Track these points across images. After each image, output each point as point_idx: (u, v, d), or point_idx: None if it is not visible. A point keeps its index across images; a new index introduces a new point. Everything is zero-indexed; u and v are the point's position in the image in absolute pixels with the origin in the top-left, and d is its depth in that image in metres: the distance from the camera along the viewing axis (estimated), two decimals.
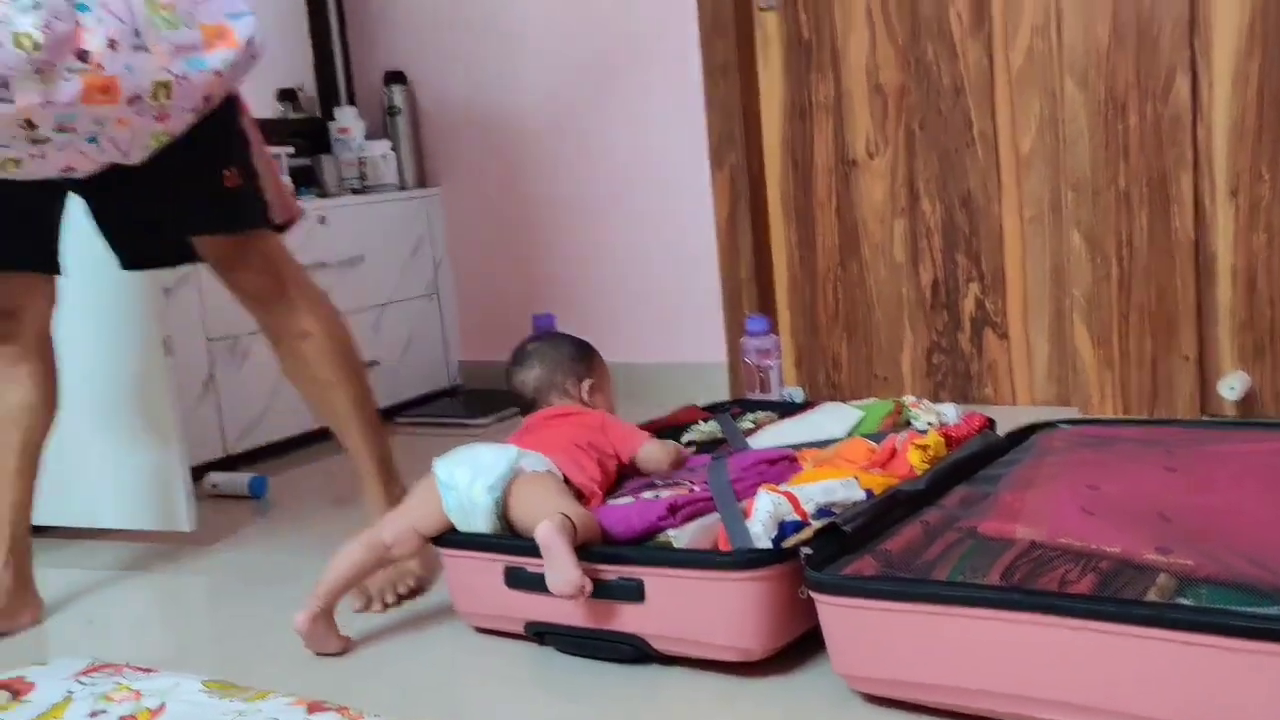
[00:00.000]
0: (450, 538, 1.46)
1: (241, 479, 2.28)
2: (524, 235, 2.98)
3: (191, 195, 1.57)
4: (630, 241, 2.82)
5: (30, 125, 1.31)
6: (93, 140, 1.37)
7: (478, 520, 1.43)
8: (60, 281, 1.70)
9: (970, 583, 1.12)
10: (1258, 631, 0.95)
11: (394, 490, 1.70)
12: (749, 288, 2.66)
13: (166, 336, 1.89)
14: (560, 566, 1.29)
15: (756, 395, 2.32)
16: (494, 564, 1.42)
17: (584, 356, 1.77)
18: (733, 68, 2.59)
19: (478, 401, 2.81)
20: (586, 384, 1.74)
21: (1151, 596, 1.06)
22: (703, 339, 2.74)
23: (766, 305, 2.68)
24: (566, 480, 1.49)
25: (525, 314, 2.78)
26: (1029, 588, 1.09)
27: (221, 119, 1.53)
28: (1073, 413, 2.27)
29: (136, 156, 1.44)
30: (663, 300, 2.80)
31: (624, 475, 1.62)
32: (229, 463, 2.47)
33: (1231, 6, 2.06)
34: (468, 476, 1.44)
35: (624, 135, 2.79)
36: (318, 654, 1.45)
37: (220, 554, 1.96)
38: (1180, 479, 1.26)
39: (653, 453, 1.62)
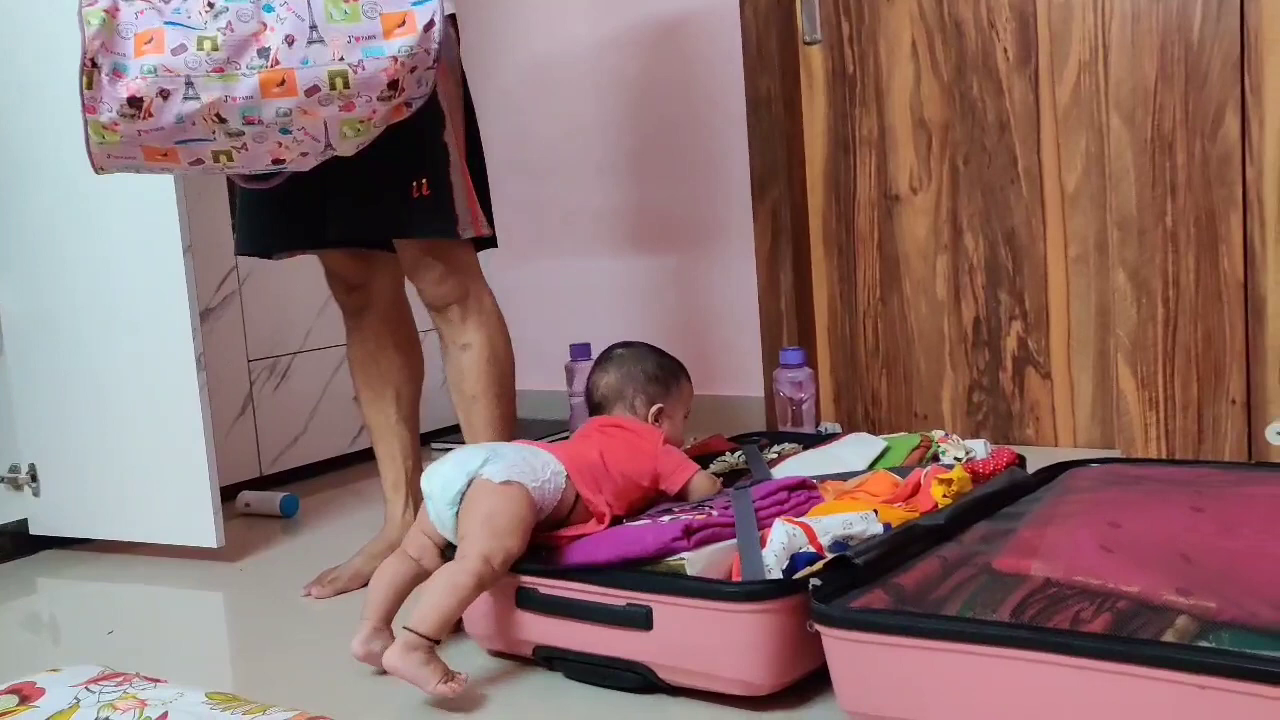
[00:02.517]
0: None
1: (273, 498, 2.30)
2: (564, 264, 2.99)
3: (382, 197, 1.64)
4: (670, 271, 2.82)
5: (220, 119, 1.40)
6: (286, 131, 1.43)
7: (449, 533, 1.43)
8: (109, 296, 1.80)
9: (976, 619, 1.08)
10: (1278, 677, 0.91)
11: None
12: (789, 321, 2.64)
13: (200, 354, 1.92)
14: (425, 690, 1.30)
15: (789, 429, 2.29)
16: (507, 584, 1.40)
17: (663, 379, 1.72)
18: (776, 101, 2.59)
19: (517, 428, 2.80)
20: (655, 408, 1.69)
21: (1169, 638, 1.02)
22: (741, 372, 2.72)
23: (806, 339, 2.65)
24: (578, 497, 1.47)
25: (563, 342, 2.78)
26: (1038, 625, 1.05)
27: (423, 129, 1.58)
28: (1116, 456, 2.21)
29: (343, 147, 1.49)
30: (701, 332, 2.79)
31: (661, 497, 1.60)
32: (264, 483, 2.49)
33: None
34: (438, 488, 1.44)
35: (667, 166, 2.79)
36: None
37: (246, 571, 1.97)
38: (1207, 520, 1.21)
39: (701, 487, 1.59)
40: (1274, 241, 2.06)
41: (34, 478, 2.13)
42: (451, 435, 2.80)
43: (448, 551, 1.46)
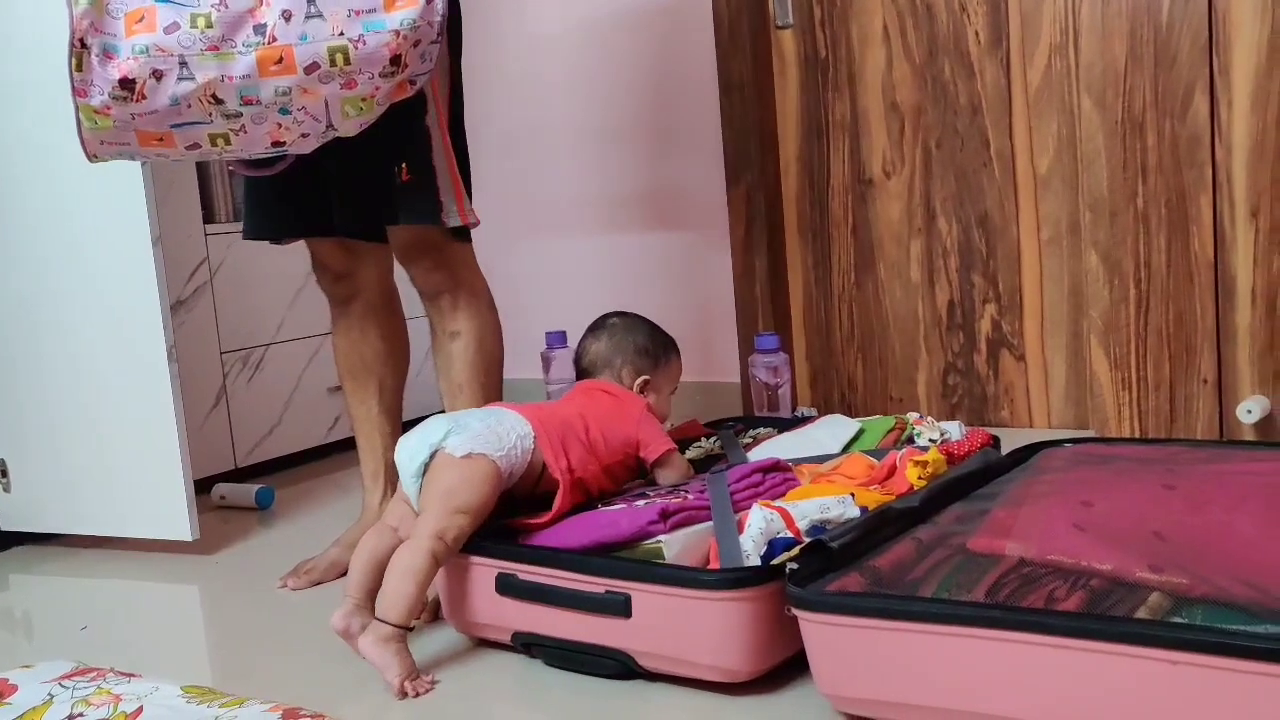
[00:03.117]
0: None
1: (248, 490, 2.29)
2: (538, 252, 2.98)
3: (372, 185, 1.62)
4: (645, 257, 2.81)
5: (217, 100, 1.37)
6: (285, 112, 1.41)
7: (415, 505, 1.44)
8: (78, 288, 1.79)
9: (952, 600, 1.09)
10: (1249, 650, 0.92)
11: None
12: (764, 306, 2.64)
13: (171, 346, 1.90)
14: (388, 676, 1.32)
15: (765, 414, 2.29)
16: (486, 570, 1.40)
17: (653, 352, 1.73)
18: (749, 86, 2.59)
19: None
20: (641, 380, 1.70)
21: (1142, 615, 1.03)
22: (717, 358, 2.72)
23: (781, 324, 2.66)
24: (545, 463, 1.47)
25: (540, 329, 2.77)
26: (1012, 605, 1.06)
27: (402, 113, 1.55)
28: (1089, 436, 2.23)
29: (345, 126, 1.46)
30: (677, 318, 2.78)
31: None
32: (240, 475, 2.48)
33: (1251, 25, 2.02)
34: (404, 460, 1.45)
35: (641, 151, 2.79)
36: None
37: (221, 563, 1.96)
38: (1178, 497, 1.22)
39: (675, 467, 1.59)
40: (1243, 222, 2.08)
41: (4, 473, 2.11)
42: None
43: None
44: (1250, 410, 2.04)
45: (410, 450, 1.45)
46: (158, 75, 1.34)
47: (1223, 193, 2.09)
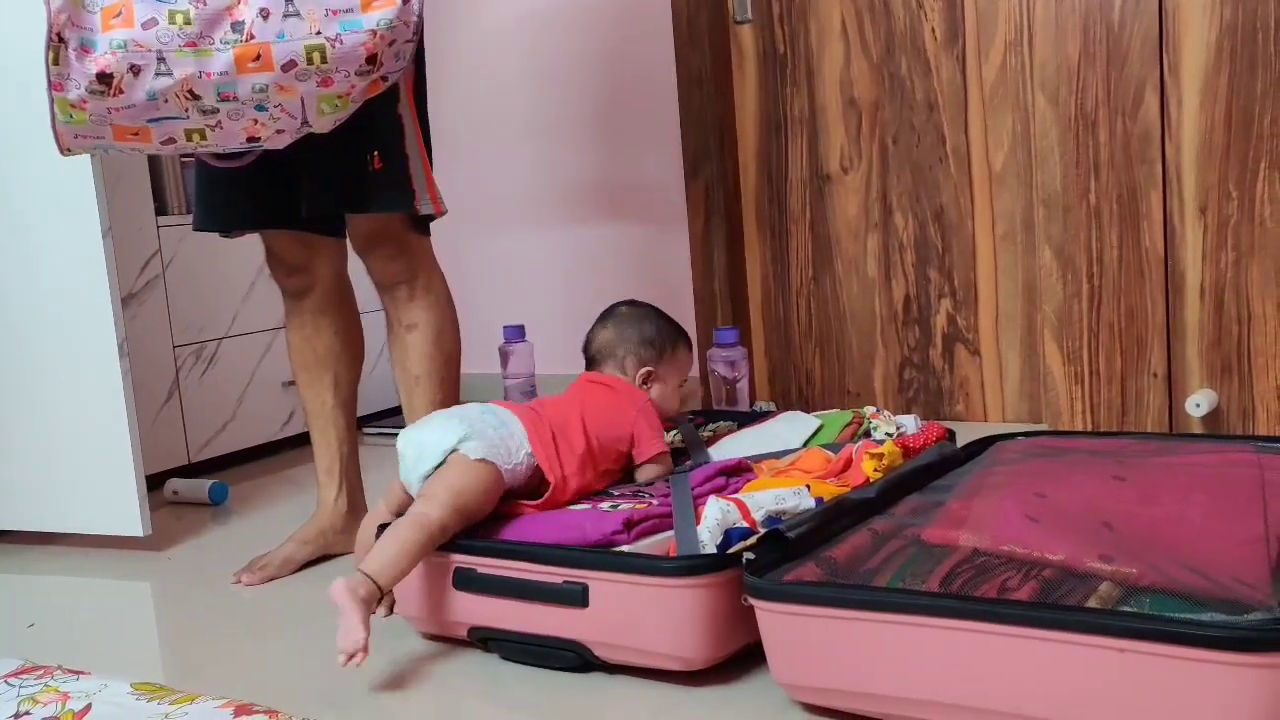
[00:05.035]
0: None
1: (202, 485, 2.26)
2: (495, 246, 2.97)
3: (339, 172, 1.60)
4: (604, 252, 2.81)
5: (194, 96, 1.36)
6: (261, 108, 1.40)
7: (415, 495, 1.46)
8: (27, 280, 1.79)
9: (906, 589, 1.10)
10: (1194, 638, 0.93)
11: None
12: (722, 301, 2.65)
13: (123, 340, 1.87)
14: (347, 627, 1.26)
15: (724, 407, 2.30)
16: (443, 565, 1.39)
17: (659, 343, 1.70)
18: (708, 80, 2.59)
19: None
20: (644, 371, 1.68)
21: (1092, 604, 1.04)
22: None
23: (740, 319, 2.66)
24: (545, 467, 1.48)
25: (497, 324, 2.76)
26: (965, 594, 1.07)
27: (379, 102, 1.54)
28: (1042, 429, 2.26)
29: (320, 124, 1.46)
30: None
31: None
32: (193, 470, 2.45)
33: (1200, 24, 2.06)
34: (412, 456, 1.46)
35: (599, 145, 2.78)
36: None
37: (173, 559, 1.94)
38: (1128, 488, 1.24)
39: (657, 468, 1.59)
40: (1192, 218, 2.11)
41: None
42: (390, 419, 2.78)
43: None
44: (1198, 404, 2.08)
45: (422, 448, 1.45)
46: (135, 70, 1.34)
47: (1173, 189, 2.12)
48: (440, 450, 1.44)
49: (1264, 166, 2.04)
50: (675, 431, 1.86)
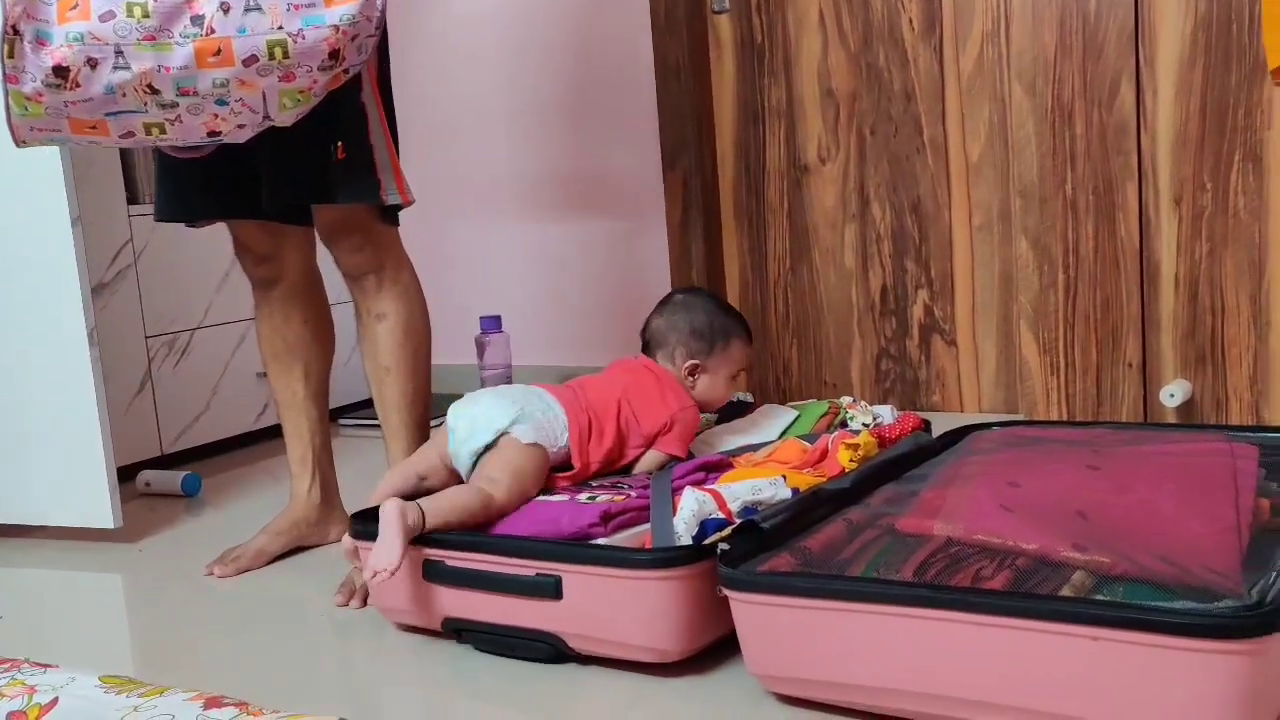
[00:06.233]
0: (368, 530, 1.43)
1: (174, 477, 2.24)
2: (472, 236, 2.96)
3: (303, 163, 1.58)
4: (583, 241, 2.80)
5: (153, 90, 1.34)
6: (222, 103, 1.38)
7: (463, 471, 1.50)
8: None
9: (879, 579, 1.09)
10: (1166, 626, 0.94)
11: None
12: None
13: (92, 329, 1.85)
14: (384, 543, 1.32)
15: None
16: (412, 557, 1.38)
17: (709, 336, 1.68)
18: (686, 70, 2.58)
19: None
20: (689, 364, 1.67)
21: (1066, 593, 1.04)
22: None
23: None
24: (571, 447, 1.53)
25: (473, 315, 2.75)
26: (939, 584, 1.07)
27: (341, 91, 1.52)
28: (1018, 420, 2.26)
29: (282, 118, 1.44)
30: (613, 302, 2.78)
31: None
32: (166, 461, 2.43)
33: (1175, 16, 2.06)
34: (464, 431, 1.50)
35: (577, 135, 2.77)
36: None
37: (145, 551, 1.92)
38: (1101, 478, 1.24)
39: (655, 463, 1.59)
40: (1167, 209, 2.12)
41: None
42: (362, 410, 2.76)
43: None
44: (1173, 394, 2.09)
45: (475, 425, 1.50)
46: (92, 64, 1.32)
47: (1148, 181, 2.13)
48: (493, 429, 1.48)
49: (1238, 158, 2.05)
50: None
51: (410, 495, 1.47)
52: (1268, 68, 1.98)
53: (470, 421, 1.51)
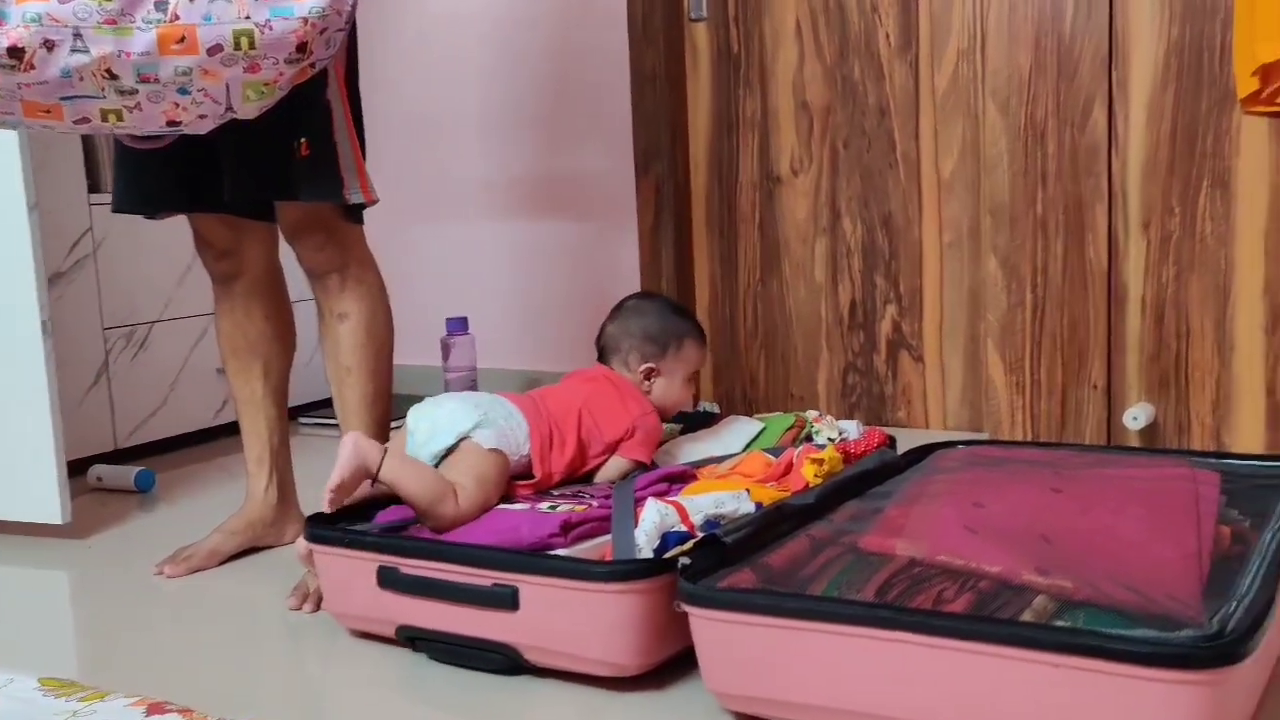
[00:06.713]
0: (322, 534, 1.40)
1: (128, 472, 2.19)
2: (441, 236, 2.93)
3: (266, 159, 1.55)
4: (552, 245, 2.78)
5: (112, 75, 1.31)
6: (184, 91, 1.35)
7: None
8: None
9: (840, 598, 1.08)
10: (1126, 654, 0.93)
11: None
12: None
13: (46, 319, 1.81)
14: (338, 466, 1.37)
15: None
16: (367, 563, 1.36)
17: (661, 338, 1.68)
18: (661, 77, 2.57)
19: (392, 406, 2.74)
20: (645, 368, 1.66)
21: (1027, 618, 1.03)
22: None
23: None
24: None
25: (439, 316, 2.72)
26: (900, 605, 1.06)
27: (307, 87, 1.49)
28: (983, 438, 2.27)
29: (244, 110, 1.41)
30: (582, 307, 2.76)
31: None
32: (120, 456, 2.38)
33: (1148, 40, 2.07)
34: (426, 432, 1.48)
35: (550, 139, 2.75)
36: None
37: (93, 548, 1.88)
38: (1065, 500, 1.24)
39: (619, 470, 1.57)
40: (1136, 232, 2.13)
41: None
42: (322, 410, 2.72)
43: None
44: (1136, 417, 2.09)
45: (436, 427, 1.48)
46: (49, 45, 1.28)
47: (1118, 203, 2.13)
48: (455, 432, 1.47)
49: (1206, 184, 2.06)
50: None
51: (362, 496, 1.46)
52: (1237, 96, 2.00)
53: (431, 424, 1.49)
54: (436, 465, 1.47)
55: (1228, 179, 2.03)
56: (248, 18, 1.32)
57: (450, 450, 1.47)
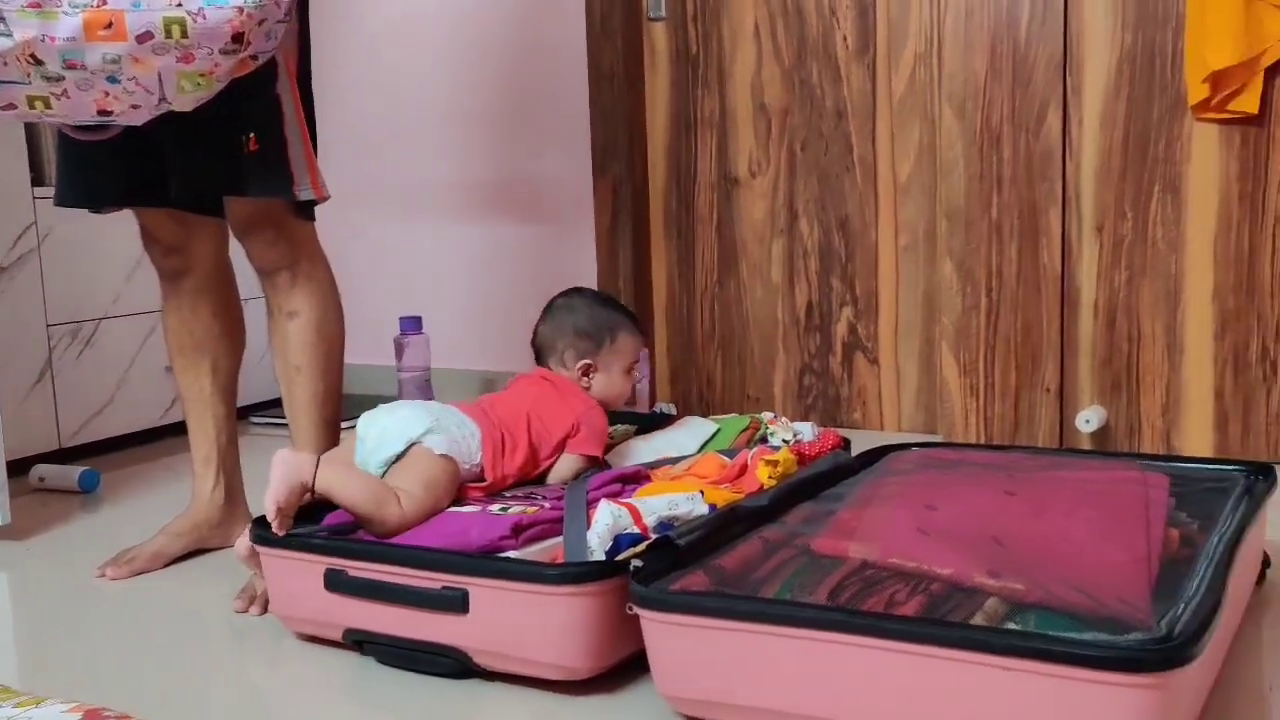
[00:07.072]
0: (269, 535, 1.37)
1: (72, 472, 2.15)
2: (395, 234, 2.89)
3: (213, 153, 1.52)
4: (509, 244, 2.76)
5: (37, 60, 1.27)
6: (113, 80, 1.31)
7: None
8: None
9: (792, 601, 1.07)
10: (1075, 658, 0.93)
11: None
12: (626, 300, 2.61)
13: None
14: (271, 487, 1.34)
15: (624, 408, 2.26)
16: (314, 566, 1.33)
17: (595, 332, 1.67)
18: (620, 77, 2.56)
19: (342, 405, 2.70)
20: (582, 364, 1.65)
21: (978, 620, 1.03)
22: None
23: (643, 319, 2.63)
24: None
25: (393, 315, 2.69)
26: (852, 608, 1.05)
27: (255, 81, 1.45)
28: (937, 441, 2.27)
29: (180, 101, 1.37)
30: (538, 307, 2.73)
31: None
32: (64, 455, 2.33)
33: (1102, 47, 2.09)
34: (373, 441, 1.46)
35: (506, 138, 2.73)
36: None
37: (33, 549, 1.83)
38: (1018, 503, 1.24)
39: (571, 468, 1.56)
40: (1089, 236, 2.14)
41: None
42: (272, 409, 2.68)
43: None
44: (1088, 420, 2.11)
45: (385, 434, 1.46)
46: None
47: (1071, 208, 2.15)
48: (404, 439, 1.45)
49: (1157, 189, 2.08)
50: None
51: (297, 504, 1.41)
52: (1188, 103, 2.02)
53: (381, 431, 1.47)
54: (385, 472, 1.45)
55: (1179, 185, 2.06)
56: (179, 5, 1.29)
57: (399, 457, 1.45)
